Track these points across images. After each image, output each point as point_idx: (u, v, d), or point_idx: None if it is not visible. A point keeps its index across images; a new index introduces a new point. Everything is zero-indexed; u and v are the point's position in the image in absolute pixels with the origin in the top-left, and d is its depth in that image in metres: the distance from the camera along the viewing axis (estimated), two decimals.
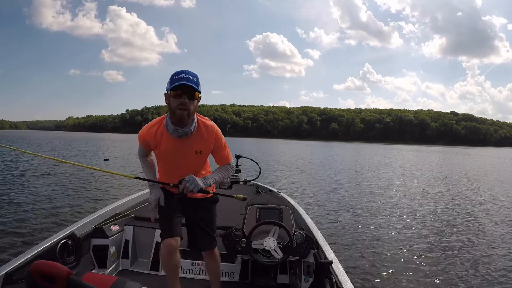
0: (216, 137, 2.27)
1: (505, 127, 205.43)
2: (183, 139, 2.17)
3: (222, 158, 2.38)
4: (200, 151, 2.23)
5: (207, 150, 2.28)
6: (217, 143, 2.29)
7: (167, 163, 2.31)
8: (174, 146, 2.20)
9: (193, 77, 2.03)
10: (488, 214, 9.17)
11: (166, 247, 2.22)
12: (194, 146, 2.22)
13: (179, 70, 2.04)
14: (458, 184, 15.62)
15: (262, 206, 3.23)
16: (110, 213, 3.60)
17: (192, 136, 2.19)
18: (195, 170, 2.29)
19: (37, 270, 1.21)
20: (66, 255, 2.82)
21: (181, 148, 2.20)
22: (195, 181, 2.12)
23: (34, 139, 55.85)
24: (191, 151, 2.22)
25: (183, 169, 2.24)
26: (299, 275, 3.01)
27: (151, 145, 2.27)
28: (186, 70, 2.04)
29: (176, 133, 2.14)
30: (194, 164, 2.29)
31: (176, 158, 2.24)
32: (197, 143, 2.22)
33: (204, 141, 2.23)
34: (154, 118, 2.40)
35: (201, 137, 2.22)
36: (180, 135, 2.15)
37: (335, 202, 10.01)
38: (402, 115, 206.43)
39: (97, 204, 8.31)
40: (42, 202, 8.42)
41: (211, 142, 2.25)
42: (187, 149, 2.21)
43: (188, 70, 2.04)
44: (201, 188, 2.16)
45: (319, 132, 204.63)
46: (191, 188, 2.12)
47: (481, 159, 44.84)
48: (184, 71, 2.02)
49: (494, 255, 5.87)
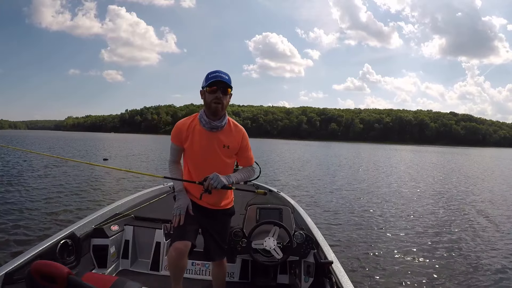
0: (243, 138, 2.47)
1: (505, 128, 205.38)
2: (214, 132, 2.36)
3: (246, 159, 2.55)
4: (228, 146, 2.39)
5: (234, 146, 2.43)
6: (243, 143, 2.47)
7: (196, 156, 2.41)
8: (205, 138, 2.37)
9: (225, 75, 2.27)
10: (488, 214, 9.19)
11: (175, 250, 2.28)
12: (223, 141, 2.38)
13: (214, 70, 2.29)
14: (458, 185, 15.63)
15: (262, 206, 3.24)
16: (110, 213, 3.61)
17: (222, 131, 2.39)
18: (220, 166, 2.40)
19: (37, 270, 1.22)
20: (66, 255, 2.82)
21: (211, 141, 2.37)
22: (218, 178, 2.24)
23: (34, 139, 55.74)
24: (220, 145, 2.38)
25: (210, 164, 2.37)
26: (299, 275, 3.01)
27: (183, 137, 2.40)
28: (220, 70, 2.29)
29: (209, 125, 2.34)
30: (221, 159, 2.41)
31: (205, 151, 2.38)
32: (226, 138, 2.40)
33: (232, 138, 2.42)
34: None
35: (230, 134, 2.42)
36: (212, 127, 2.34)
37: (335, 202, 10.03)
38: (402, 116, 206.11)
39: (97, 204, 8.32)
40: (42, 202, 8.42)
41: (238, 141, 2.44)
42: (216, 142, 2.38)
43: (221, 70, 2.28)
44: (224, 184, 2.26)
45: (319, 132, 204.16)
46: (215, 185, 2.23)
47: (481, 159, 44.90)
48: (218, 71, 2.27)
49: (494, 255, 5.89)
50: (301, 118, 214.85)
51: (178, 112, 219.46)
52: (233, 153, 2.46)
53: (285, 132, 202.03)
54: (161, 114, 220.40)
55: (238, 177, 2.45)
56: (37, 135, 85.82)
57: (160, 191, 4.94)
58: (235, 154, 2.49)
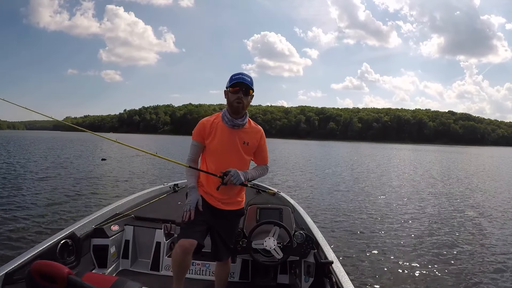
0: (261, 137, 2.64)
1: (503, 126, 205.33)
2: (235, 130, 2.51)
3: (262, 158, 2.70)
4: (247, 142, 2.55)
5: (253, 143, 2.58)
6: (261, 142, 2.64)
7: (217, 151, 2.52)
8: (227, 135, 2.50)
9: (248, 77, 2.45)
10: (488, 214, 9.23)
11: (180, 247, 2.34)
12: (243, 138, 2.54)
13: (237, 72, 2.47)
14: (458, 184, 15.67)
15: (262, 206, 3.25)
16: (110, 213, 3.61)
17: (243, 129, 2.54)
18: (239, 162, 2.52)
19: (37, 270, 1.22)
20: (66, 255, 2.83)
21: (232, 137, 2.51)
22: (238, 176, 2.38)
23: (33, 139, 55.70)
24: (240, 141, 2.52)
25: (230, 159, 2.50)
26: (299, 275, 3.02)
27: (206, 133, 2.52)
28: (243, 72, 2.51)
29: (231, 123, 2.49)
30: (240, 155, 2.54)
31: (227, 146, 2.51)
32: (246, 136, 2.55)
33: (252, 135, 2.58)
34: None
35: (250, 132, 2.58)
36: (234, 125, 2.49)
37: (335, 202, 10.04)
38: (400, 115, 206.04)
39: (97, 204, 8.32)
40: (42, 202, 8.43)
41: (257, 139, 2.60)
42: (237, 139, 2.52)
43: (244, 72, 2.47)
44: (242, 182, 2.41)
45: (317, 131, 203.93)
46: (234, 181, 2.37)
47: (482, 158, 45.01)
48: (241, 73, 2.44)
49: (494, 255, 5.90)
50: (299, 117, 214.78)
51: (176, 112, 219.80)
52: (252, 150, 2.61)
53: (283, 132, 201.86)
54: (160, 114, 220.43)
55: (254, 174, 2.61)
56: (37, 136, 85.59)
57: (160, 191, 4.94)
58: (253, 152, 2.62)
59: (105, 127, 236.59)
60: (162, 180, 11.74)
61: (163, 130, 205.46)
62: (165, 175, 14.62)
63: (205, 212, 2.49)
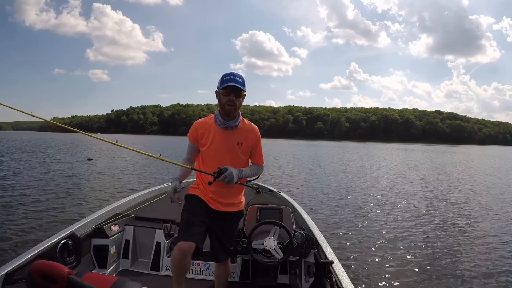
0: (256, 137, 2.61)
1: (489, 126, 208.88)
2: (229, 131, 2.50)
3: (258, 158, 2.67)
4: (241, 143, 2.52)
5: (247, 143, 2.56)
6: (256, 141, 2.62)
7: (211, 153, 2.52)
8: (220, 136, 2.49)
9: (239, 78, 2.40)
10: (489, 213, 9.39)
11: (179, 250, 2.30)
12: (237, 138, 2.52)
13: (228, 72, 2.42)
14: (457, 184, 15.74)
15: (263, 206, 3.27)
16: (110, 213, 3.61)
17: (236, 130, 2.52)
18: (234, 162, 2.49)
19: (37, 270, 1.24)
20: (66, 255, 2.83)
21: (226, 139, 2.50)
22: (232, 177, 2.35)
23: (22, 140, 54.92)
24: (234, 142, 2.51)
25: (224, 161, 2.46)
26: (300, 275, 3.05)
27: (198, 134, 2.53)
28: (234, 72, 2.42)
29: (223, 125, 2.47)
30: (234, 156, 2.52)
31: (220, 148, 2.50)
32: (240, 136, 2.53)
33: (246, 135, 2.55)
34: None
35: (244, 132, 2.55)
36: (227, 127, 2.48)
37: (335, 202, 10.12)
38: (388, 114, 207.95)
39: (97, 204, 8.32)
40: (42, 202, 8.45)
41: (252, 139, 2.58)
42: (231, 140, 2.50)
43: (235, 73, 2.41)
44: (234, 182, 2.39)
45: (305, 131, 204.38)
46: (226, 182, 2.35)
47: (469, 157, 45.54)
48: (232, 73, 2.40)
49: (494, 254, 5.97)
50: (287, 117, 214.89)
51: (164, 112, 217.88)
52: (248, 150, 2.59)
53: (271, 131, 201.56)
54: (147, 114, 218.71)
55: (248, 172, 2.58)
56: (27, 137, 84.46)
57: (160, 191, 4.93)
58: (249, 152, 2.61)
59: (92, 127, 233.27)
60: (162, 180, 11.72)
61: (150, 130, 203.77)
62: (165, 175, 14.61)
63: (203, 213, 2.48)
